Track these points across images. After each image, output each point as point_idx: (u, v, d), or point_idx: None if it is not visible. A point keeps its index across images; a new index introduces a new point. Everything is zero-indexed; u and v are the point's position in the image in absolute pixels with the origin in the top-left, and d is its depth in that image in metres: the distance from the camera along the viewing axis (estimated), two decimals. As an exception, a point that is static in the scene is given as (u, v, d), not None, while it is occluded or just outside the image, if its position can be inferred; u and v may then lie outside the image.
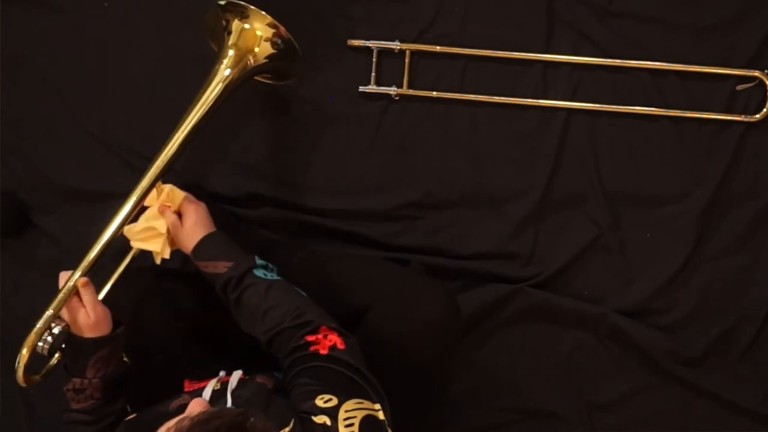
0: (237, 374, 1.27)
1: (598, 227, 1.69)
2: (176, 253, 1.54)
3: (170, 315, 1.47)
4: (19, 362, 1.35)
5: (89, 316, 1.32)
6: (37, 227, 1.74)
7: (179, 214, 1.43)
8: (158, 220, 1.42)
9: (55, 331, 1.34)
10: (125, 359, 1.38)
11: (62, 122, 1.72)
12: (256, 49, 1.49)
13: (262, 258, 1.37)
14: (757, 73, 1.63)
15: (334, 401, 1.10)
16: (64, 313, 1.34)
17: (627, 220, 1.69)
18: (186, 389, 1.30)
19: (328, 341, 1.22)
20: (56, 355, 1.37)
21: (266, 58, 1.50)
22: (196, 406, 1.00)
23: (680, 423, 1.71)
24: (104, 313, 1.34)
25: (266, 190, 1.68)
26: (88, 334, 1.32)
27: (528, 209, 1.69)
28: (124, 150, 1.71)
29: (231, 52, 1.48)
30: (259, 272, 1.34)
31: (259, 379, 1.27)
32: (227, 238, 1.41)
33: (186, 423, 0.92)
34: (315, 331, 1.24)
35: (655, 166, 1.68)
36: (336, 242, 1.69)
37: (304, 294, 1.33)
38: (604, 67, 1.66)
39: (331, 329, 1.24)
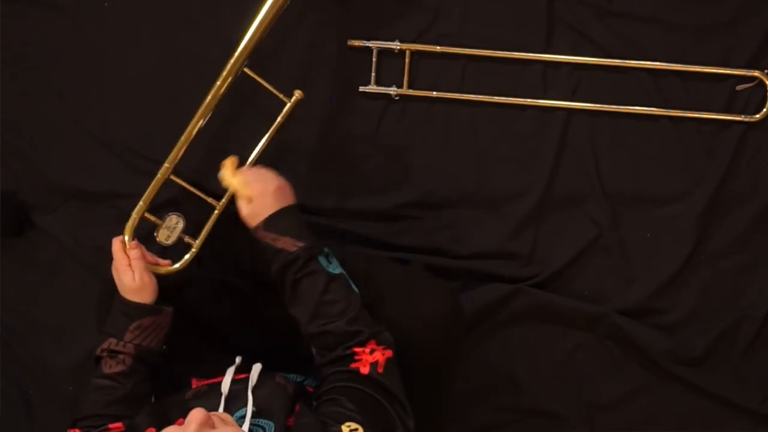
0: (257, 368, 1.26)
1: (598, 227, 1.69)
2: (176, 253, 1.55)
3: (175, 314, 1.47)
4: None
5: (134, 279, 1.36)
6: (37, 227, 1.74)
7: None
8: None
9: (180, 225, 1.48)
10: (164, 348, 1.39)
11: (62, 122, 1.72)
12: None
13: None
14: (757, 73, 1.63)
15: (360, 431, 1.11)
16: (114, 272, 1.39)
17: (627, 220, 1.69)
18: (193, 387, 1.30)
19: (371, 358, 1.22)
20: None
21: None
22: (196, 414, 0.99)
23: (680, 423, 1.71)
24: (150, 280, 1.38)
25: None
26: (132, 297, 1.36)
27: (528, 209, 1.69)
28: (124, 150, 1.71)
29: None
30: (324, 261, 1.32)
31: (278, 378, 1.27)
32: (300, 215, 1.37)
33: None
34: (363, 344, 1.24)
35: (655, 166, 1.68)
36: (336, 242, 1.69)
37: (358, 293, 1.32)
38: (604, 67, 1.66)
39: (379, 343, 1.25)
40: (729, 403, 1.69)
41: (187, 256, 1.50)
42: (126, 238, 1.42)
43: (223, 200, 1.52)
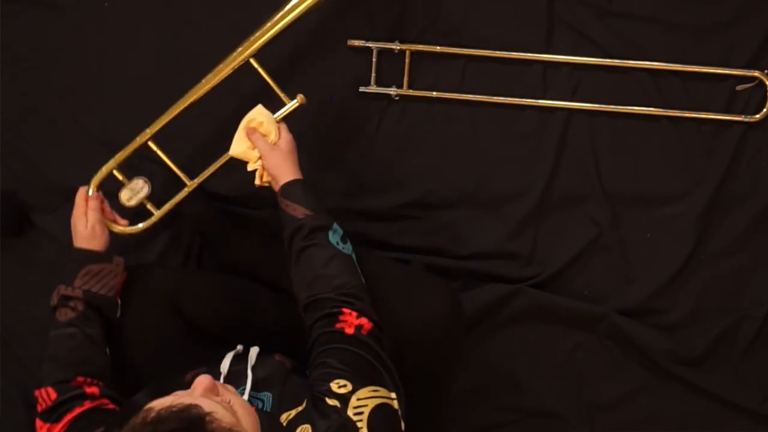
0: (255, 350, 1.28)
1: (598, 227, 1.69)
2: (174, 251, 1.54)
3: (169, 312, 1.47)
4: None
5: (86, 226, 1.43)
6: (37, 227, 1.74)
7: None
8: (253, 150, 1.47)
9: (144, 190, 1.54)
10: (118, 301, 1.41)
11: (62, 122, 1.72)
12: None
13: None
14: (756, 73, 1.63)
15: (349, 387, 1.12)
16: (72, 220, 1.46)
17: (627, 220, 1.69)
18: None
19: (357, 321, 1.23)
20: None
21: None
22: (202, 379, 1.01)
23: (680, 423, 1.71)
24: (102, 230, 1.45)
25: (266, 190, 1.68)
26: (82, 244, 1.43)
27: (528, 209, 1.69)
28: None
29: None
30: (333, 237, 1.35)
31: (278, 357, 1.28)
32: (316, 192, 1.42)
33: (151, 415, 0.94)
34: (352, 308, 1.26)
35: (655, 166, 1.68)
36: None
37: (362, 279, 1.33)
38: (604, 67, 1.66)
39: (369, 319, 1.25)
40: (729, 403, 1.69)
41: (140, 225, 1.56)
42: (90, 189, 1.48)
43: (196, 180, 1.54)
